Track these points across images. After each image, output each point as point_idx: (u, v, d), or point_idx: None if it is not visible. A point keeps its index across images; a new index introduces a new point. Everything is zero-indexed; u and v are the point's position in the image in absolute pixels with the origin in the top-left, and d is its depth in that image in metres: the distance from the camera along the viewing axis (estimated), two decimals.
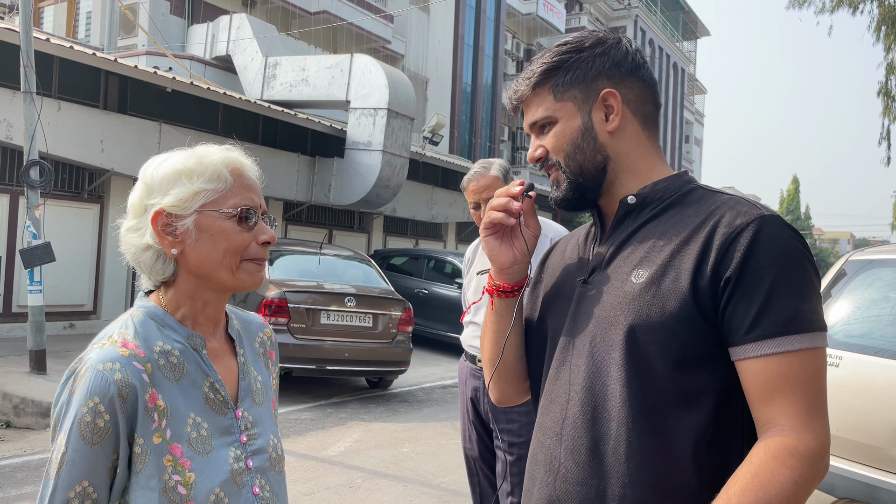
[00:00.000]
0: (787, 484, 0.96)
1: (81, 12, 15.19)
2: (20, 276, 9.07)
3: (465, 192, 2.76)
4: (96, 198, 10.57)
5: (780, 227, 1.07)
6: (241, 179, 1.13)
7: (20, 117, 7.82)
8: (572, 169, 1.21)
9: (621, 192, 1.22)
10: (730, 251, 1.05)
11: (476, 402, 2.71)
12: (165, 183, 1.10)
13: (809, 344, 1.02)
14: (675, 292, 1.07)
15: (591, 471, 1.10)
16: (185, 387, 1.10)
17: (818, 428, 1.01)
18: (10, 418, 6.24)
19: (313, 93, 13.07)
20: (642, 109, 1.23)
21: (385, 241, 16.48)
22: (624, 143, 1.21)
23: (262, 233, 1.14)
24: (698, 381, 1.06)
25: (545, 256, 1.41)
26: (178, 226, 1.10)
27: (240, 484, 1.12)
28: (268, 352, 1.32)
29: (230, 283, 1.13)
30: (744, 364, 1.03)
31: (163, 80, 9.92)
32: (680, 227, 1.13)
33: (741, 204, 1.11)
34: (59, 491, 1.00)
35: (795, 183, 58.35)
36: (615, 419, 1.08)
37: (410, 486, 4.78)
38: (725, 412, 1.06)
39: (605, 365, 1.11)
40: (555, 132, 1.21)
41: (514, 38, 26.74)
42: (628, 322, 1.09)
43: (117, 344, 1.06)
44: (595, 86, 1.20)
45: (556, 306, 1.25)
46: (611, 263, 1.18)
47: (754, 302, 1.02)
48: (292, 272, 7.91)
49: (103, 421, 1.01)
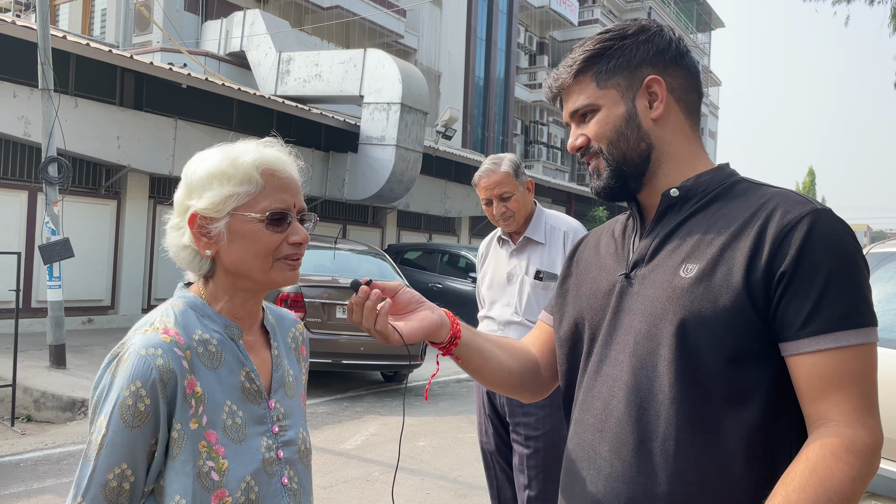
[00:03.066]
0: (846, 480, 0.95)
1: (97, 9, 15.29)
2: (39, 271, 9.17)
3: (476, 189, 2.76)
4: (113, 194, 10.66)
5: (833, 221, 1.06)
6: (273, 180, 1.13)
7: (38, 114, 7.89)
8: (615, 157, 1.19)
9: (663, 183, 1.20)
10: (784, 245, 1.04)
11: (492, 395, 2.71)
12: (201, 185, 1.12)
13: (864, 339, 1.01)
14: (728, 287, 1.05)
15: (637, 468, 1.09)
16: (222, 375, 1.12)
17: (872, 424, 1.00)
18: (31, 412, 6.32)
19: (327, 88, 13.10)
20: (686, 98, 1.21)
21: (399, 235, 16.50)
22: (668, 132, 1.19)
23: (295, 233, 1.15)
24: (750, 378, 1.04)
25: (574, 250, 1.38)
26: (212, 228, 1.11)
27: (270, 473, 1.14)
28: (299, 347, 1.34)
29: (263, 282, 1.15)
30: (797, 359, 1.02)
31: (178, 76, 9.98)
32: (728, 221, 1.11)
33: (792, 197, 1.10)
34: (98, 472, 1.02)
35: (811, 175, 57.85)
36: (663, 416, 1.07)
37: (427, 479, 4.80)
38: (776, 408, 1.05)
39: (652, 361, 1.09)
40: (598, 119, 1.19)
41: (526, 31, 26.64)
42: (679, 317, 1.07)
43: (159, 331, 1.08)
44: (639, 73, 1.18)
45: (593, 301, 1.23)
46: (655, 257, 1.16)
47: (809, 297, 1.01)
48: (307, 267, 7.93)
49: (144, 405, 1.03)
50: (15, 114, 8.88)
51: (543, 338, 1.40)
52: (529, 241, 2.73)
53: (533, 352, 1.39)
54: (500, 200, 2.69)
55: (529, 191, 2.77)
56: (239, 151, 1.14)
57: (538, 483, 2.55)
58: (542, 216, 2.77)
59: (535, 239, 2.72)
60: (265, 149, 1.17)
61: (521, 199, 2.71)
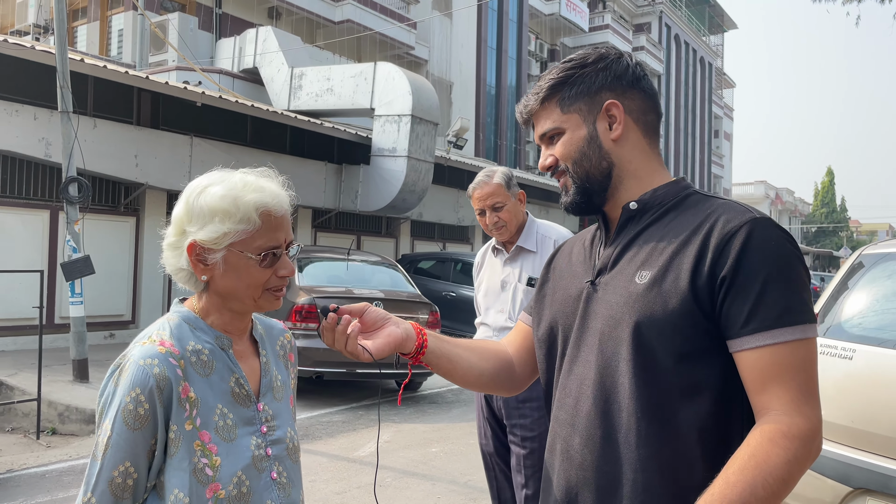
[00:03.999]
0: (781, 463, 1.05)
1: (113, 30, 15.64)
2: (62, 288, 9.41)
3: (471, 200, 2.89)
4: (132, 211, 10.90)
5: (770, 228, 1.16)
6: (269, 221, 1.24)
7: (58, 136, 8.13)
8: (580, 175, 1.31)
9: (625, 197, 1.31)
10: (725, 252, 1.14)
11: (489, 399, 2.82)
12: (203, 217, 1.23)
13: (800, 335, 1.11)
14: (676, 291, 1.15)
15: (605, 458, 1.19)
16: (214, 381, 1.25)
17: (809, 412, 1.10)
18: (56, 425, 6.51)
19: (338, 101, 13.30)
20: (643, 119, 1.32)
21: (413, 245, 16.64)
22: (627, 150, 1.30)
23: (283, 268, 1.27)
24: (700, 373, 1.15)
25: (551, 258, 1.50)
26: (208, 257, 1.23)
27: (260, 469, 1.26)
28: (287, 354, 1.46)
29: (252, 308, 1.28)
30: (740, 355, 1.12)
31: (193, 94, 10.21)
32: (678, 231, 1.22)
33: (734, 208, 1.21)
34: (104, 470, 1.15)
35: (830, 175, 57.22)
36: (625, 410, 1.17)
37: (438, 484, 4.90)
38: (726, 401, 1.15)
39: (614, 360, 1.20)
40: (563, 141, 1.31)
41: (537, 38, 26.76)
42: (634, 320, 1.17)
43: (156, 343, 1.21)
44: (599, 98, 1.29)
45: (565, 306, 1.34)
46: (616, 265, 1.26)
47: (748, 298, 1.11)
48: (321, 278, 8.10)
49: (144, 409, 1.16)
50: (36, 136, 9.14)
51: (521, 338, 1.51)
52: (522, 249, 2.85)
53: (508, 351, 1.50)
54: (492, 210, 2.81)
55: (521, 202, 2.89)
56: (240, 190, 1.23)
57: (535, 482, 2.65)
58: (533, 226, 2.88)
59: (526, 247, 2.83)
60: (264, 185, 1.27)
61: (513, 210, 2.82)
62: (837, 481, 3.04)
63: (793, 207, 59.76)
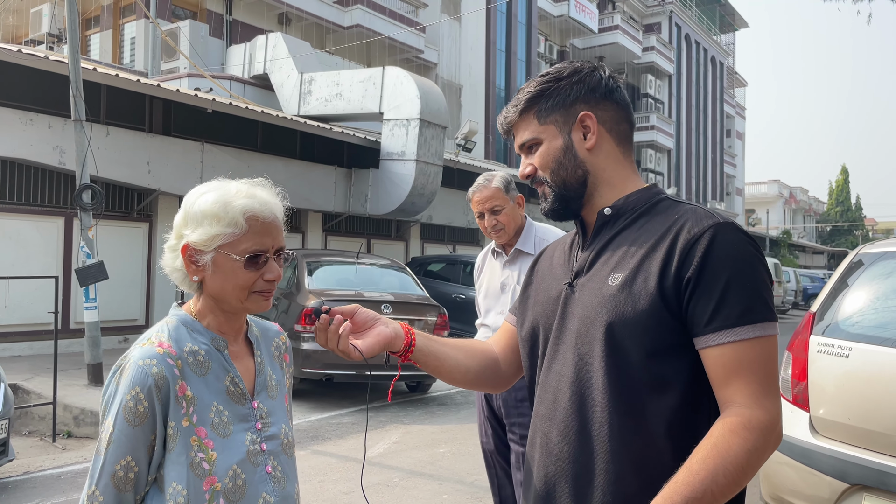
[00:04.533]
0: (742, 452, 1.12)
1: (125, 38, 15.85)
2: (77, 294, 9.57)
3: (470, 204, 2.95)
4: (145, 217, 11.06)
5: (732, 232, 1.23)
6: (256, 225, 1.31)
7: (72, 144, 8.28)
8: (557, 183, 1.37)
9: (600, 203, 1.37)
10: (690, 255, 1.21)
11: (489, 398, 2.89)
12: (196, 220, 1.31)
13: (760, 333, 1.18)
14: (645, 292, 1.22)
15: (580, 450, 1.26)
16: (210, 380, 1.32)
17: (769, 405, 1.17)
18: (71, 428, 6.63)
19: (347, 106, 13.41)
20: (617, 128, 1.38)
21: (423, 248, 16.72)
22: (601, 159, 1.37)
23: (269, 272, 1.33)
24: (668, 370, 1.21)
25: (535, 261, 1.57)
26: (199, 259, 1.31)
27: (255, 463, 1.33)
28: (282, 355, 1.53)
29: (240, 309, 1.35)
30: (705, 352, 1.19)
31: (204, 101, 10.35)
32: (649, 235, 1.29)
33: (700, 213, 1.28)
34: (107, 464, 1.23)
35: (844, 173, 56.79)
36: (598, 404, 1.24)
37: (445, 484, 4.97)
38: (694, 395, 1.22)
39: (589, 357, 1.27)
40: (540, 152, 1.38)
41: (546, 40, 26.79)
42: (606, 319, 1.24)
43: (154, 344, 1.29)
44: (573, 109, 1.36)
45: (545, 307, 1.41)
46: (592, 268, 1.33)
47: (712, 298, 1.18)
48: (331, 282, 8.19)
49: (143, 406, 1.23)
50: (50, 144, 9.31)
51: (507, 337, 1.58)
52: (520, 252, 2.91)
53: (494, 350, 1.57)
54: (490, 213, 2.89)
55: (520, 206, 2.95)
56: (231, 195, 1.32)
57: None
58: (531, 229, 2.95)
59: (525, 251, 2.90)
60: (255, 192, 1.34)
61: (511, 213, 2.89)
62: (835, 478, 3.07)
63: (807, 206, 59.33)
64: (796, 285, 26.83)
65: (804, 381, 3.35)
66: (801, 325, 3.55)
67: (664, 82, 33.06)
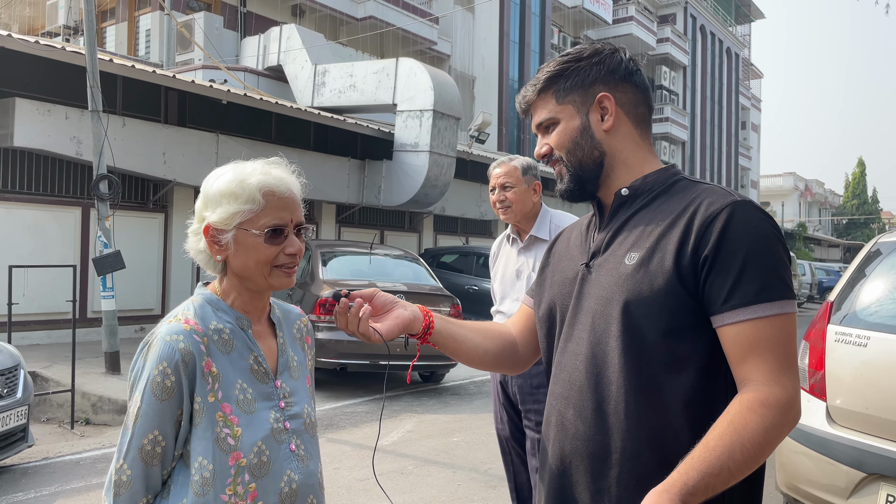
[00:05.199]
0: (758, 429, 1.12)
1: (141, 30, 15.92)
2: (94, 283, 9.67)
3: (489, 179, 3.01)
4: (161, 207, 11.14)
5: (750, 210, 1.22)
6: (272, 199, 1.32)
7: (89, 134, 8.35)
8: (573, 163, 1.38)
9: (616, 184, 1.37)
10: (707, 233, 1.21)
11: (505, 385, 2.90)
12: (215, 200, 1.33)
13: (778, 310, 1.18)
14: (662, 271, 1.22)
15: (596, 428, 1.27)
16: (234, 359, 1.34)
17: (787, 382, 1.17)
18: (90, 415, 6.71)
19: (361, 98, 13.42)
20: (635, 111, 1.38)
21: (436, 239, 16.74)
22: (618, 141, 1.37)
23: (290, 246, 1.35)
24: (685, 348, 1.21)
25: (552, 244, 1.57)
26: (221, 238, 1.33)
27: (279, 441, 1.35)
28: (304, 337, 1.55)
29: (264, 285, 1.36)
30: (722, 330, 1.19)
31: (218, 93, 10.39)
32: (666, 214, 1.29)
33: (717, 192, 1.28)
34: (135, 438, 1.25)
35: (861, 166, 56.19)
36: (615, 383, 1.25)
37: (459, 472, 4.99)
38: (710, 374, 1.22)
39: (605, 337, 1.27)
40: (557, 131, 1.38)
41: (560, 31, 26.64)
42: (623, 299, 1.25)
43: (181, 321, 1.31)
44: (592, 90, 1.36)
45: (562, 288, 1.41)
46: (608, 248, 1.34)
47: (729, 276, 1.18)
48: (345, 272, 8.22)
49: (170, 381, 1.25)
50: (67, 135, 9.39)
51: (524, 319, 1.59)
52: (536, 239, 2.92)
53: (512, 332, 1.58)
54: (501, 189, 2.92)
55: (535, 192, 2.96)
56: (247, 173, 1.34)
57: None
58: (547, 216, 2.95)
59: (540, 237, 2.90)
60: (271, 170, 1.36)
61: (521, 194, 2.91)
62: (852, 467, 3.06)
63: (823, 199, 58.78)
64: (812, 278, 26.62)
65: (821, 371, 3.34)
66: (819, 314, 3.53)
67: (679, 74, 32.82)
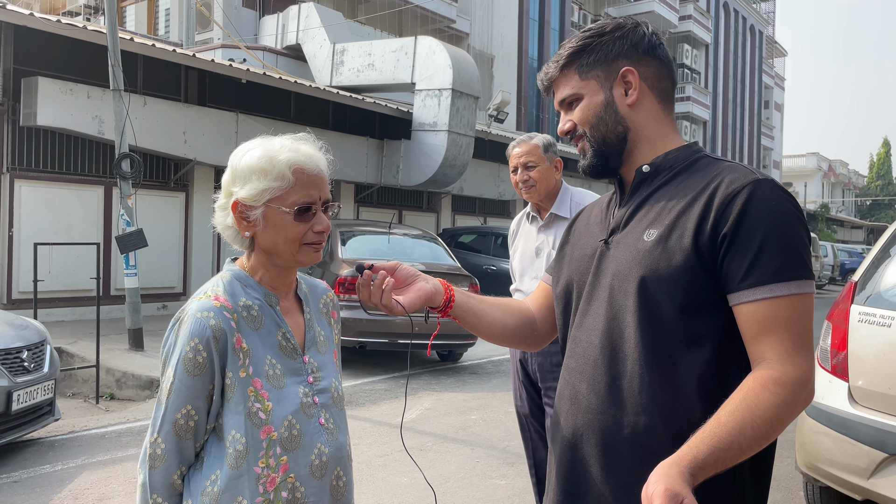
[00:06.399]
0: (771, 407, 1.12)
1: (160, 9, 15.95)
2: (117, 261, 9.80)
3: (509, 160, 2.98)
4: (182, 186, 11.23)
5: (771, 188, 1.22)
6: (302, 177, 1.33)
7: (110, 113, 8.41)
8: (596, 139, 1.37)
9: (639, 160, 1.37)
10: (727, 211, 1.20)
11: (525, 363, 2.91)
12: (244, 177, 1.34)
13: (795, 290, 1.17)
14: (680, 248, 1.22)
15: (609, 402, 1.27)
16: (263, 335, 1.36)
17: (801, 362, 1.17)
18: (114, 391, 6.84)
19: (380, 77, 13.38)
20: (658, 85, 1.37)
21: (454, 219, 16.73)
22: (642, 115, 1.36)
23: (318, 223, 1.36)
24: (701, 325, 1.22)
25: (572, 221, 1.57)
26: (250, 214, 1.34)
27: (308, 415, 1.37)
28: (330, 311, 1.56)
29: (292, 262, 1.38)
30: (739, 308, 1.19)
31: (238, 72, 10.41)
32: (686, 192, 1.28)
33: (739, 169, 1.27)
34: (168, 412, 1.28)
35: (886, 146, 55.24)
36: (630, 357, 1.25)
37: (477, 449, 5.04)
38: (725, 351, 1.22)
39: (622, 312, 1.27)
40: (581, 107, 1.37)
41: (580, 9, 26.31)
42: (640, 274, 1.25)
43: (211, 297, 1.33)
44: (616, 65, 1.35)
45: (580, 264, 1.42)
46: (628, 225, 1.33)
47: (747, 254, 1.18)
48: (363, 251, 8.26)
49: (202, 357, 1.28)
50: (90, 114, 9.47)
51: (543, 296, 1.60)
52: (556, 216, 2.91)
53: (531, 309, 1.59)
54: (524, 168, 2.90)
55: (557, 169, 2.95)
56: (277, 150, 1.34)
57: None
58: (567, 193, 2.94)
59: (561, 215, 2.90)
60: (300, 146, 1.36)
61: (545, 173, 2.90)
62: (873, 447, 3.06)
63: (846, 180, 57.91)
64: (834, 260, 26.31)
65: (844, 351, 3.32)
66: (843, 294, 3.50)
67: (701, 52, 32.32)
